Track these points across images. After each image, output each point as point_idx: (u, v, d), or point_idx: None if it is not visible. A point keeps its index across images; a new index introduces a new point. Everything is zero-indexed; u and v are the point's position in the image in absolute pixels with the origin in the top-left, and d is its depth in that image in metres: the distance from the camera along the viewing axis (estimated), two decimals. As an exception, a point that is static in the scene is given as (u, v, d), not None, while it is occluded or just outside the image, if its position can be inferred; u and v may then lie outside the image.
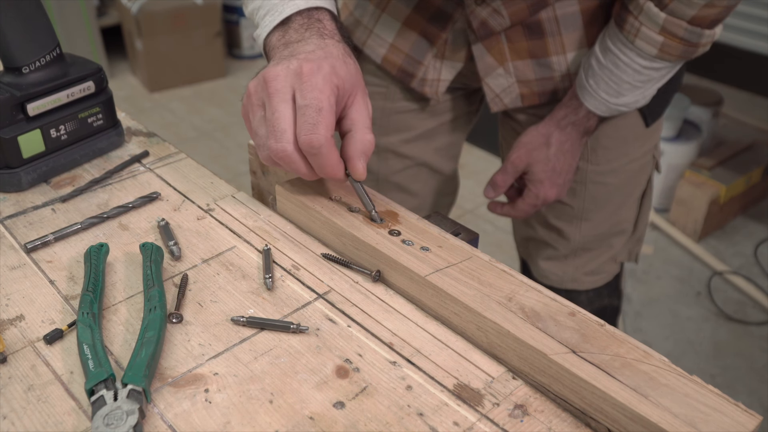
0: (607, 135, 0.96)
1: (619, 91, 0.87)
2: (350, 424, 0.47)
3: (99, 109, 0.76)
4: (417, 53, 0.96)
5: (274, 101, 0.60)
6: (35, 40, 0.71)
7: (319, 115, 0.58)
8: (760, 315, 1.91)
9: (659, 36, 0.80)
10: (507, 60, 0.93)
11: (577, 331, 0.50)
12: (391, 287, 0.60)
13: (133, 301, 0.57)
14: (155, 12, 3.06)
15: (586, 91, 0.89)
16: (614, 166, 0.99)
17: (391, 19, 0.96)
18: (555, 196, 0.95)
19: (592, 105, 0.89)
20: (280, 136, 0.59)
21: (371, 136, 0.62)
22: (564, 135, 0.92)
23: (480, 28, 0.89)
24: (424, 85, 0.98)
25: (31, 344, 0.53)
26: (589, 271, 1.07)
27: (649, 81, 0.86)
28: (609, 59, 0.85)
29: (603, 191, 1.01)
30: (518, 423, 0.47)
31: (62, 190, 0.72)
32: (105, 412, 0.45)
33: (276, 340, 0.54)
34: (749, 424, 0.43)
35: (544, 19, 0.89)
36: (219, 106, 3.15)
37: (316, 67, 0.60)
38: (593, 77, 0.88)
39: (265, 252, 0.62)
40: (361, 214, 0.64)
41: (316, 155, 0.59)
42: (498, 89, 0.95)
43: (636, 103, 0.89)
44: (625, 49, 0.83)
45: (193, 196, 0.71)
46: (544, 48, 0.91)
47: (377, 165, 1.08)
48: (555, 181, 0.94)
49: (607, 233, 1.04)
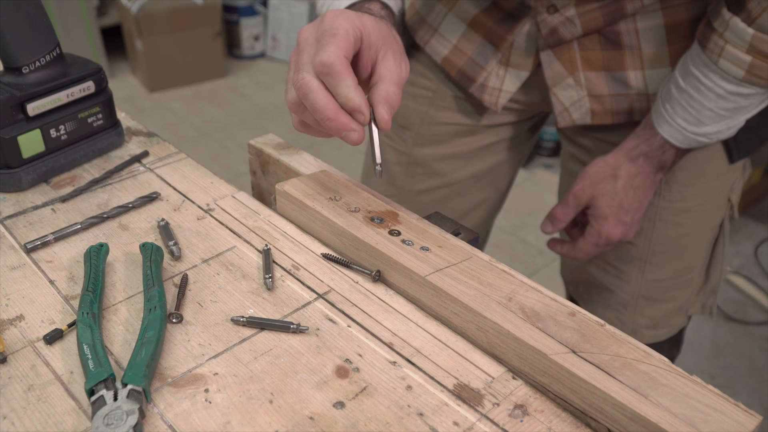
0: (684, 168, 0.86)
1: (699, 119, 0.77)
2: (350, 424, 0.47)
3: (99, 109, 0.76)
4: (480, 57, 0.90)
5: (300, 46, 0.60)
6: (35, 40, 0.71)
7: (332, 38, 0.56)
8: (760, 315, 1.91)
9: (746, 55, 0.71)
10: (578, 69, 0.85)
11: (577, 331, 0.50)
12: (391, 287, 0.60)
13: (133, 301, 0.57)
14: (155, 12, 3.06)
15: (662, 117, 0.79)
16: (689, 205, 0.88)
17: (457, 20, 0.91)
18: (620, 236, 0.85)
19: (667, 133, 0.80)
20: (300, 68, 0.58)
21: (397, 89, 0.59)
22: (635, 168, 0.82)
23: (549, 36, 0.83)
24: (484, 92, 0.91)
25: (31, 344, 0.53)
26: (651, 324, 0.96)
27: (736, 110, 0.76)
28: (689, 82, 0.76)
29: (673, 232, 0.90)
30: (518, 423, 0.47)
31: (62, 190, 0.72)
32: (105, 412, 0.45)
33: (276, 340, 0.54)
34: (749, 424, 0.43)
35: (623, 30, 0.81)
36: (219, 106, 3.15)
37: (340, 12, 0.59)
38: (670, 102, 0.78)
39: (265, 252, 0.62)
40: (361, 213, 0.64)
41: (329, 74, 0.56)
42: (567, 102, 0.87)
43: (719, 134, 0.79)
44: (708, 72, 0.74)
45: (193, 196, 0.71)
46: (621, 61, 0.83)
47: (403, 178, 1.01)
48: (621, 219, 0.84)
49: (673, 282, 0.93)
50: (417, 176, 1.00)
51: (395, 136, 1.02)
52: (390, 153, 1.03)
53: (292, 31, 3.52)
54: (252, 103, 3.20)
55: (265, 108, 3.15)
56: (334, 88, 0.56)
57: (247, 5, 3.49)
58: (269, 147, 0.77)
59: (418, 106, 0.97)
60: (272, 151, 0.76)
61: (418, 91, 0.97)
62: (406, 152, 1.01)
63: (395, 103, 0.59)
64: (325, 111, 0.56)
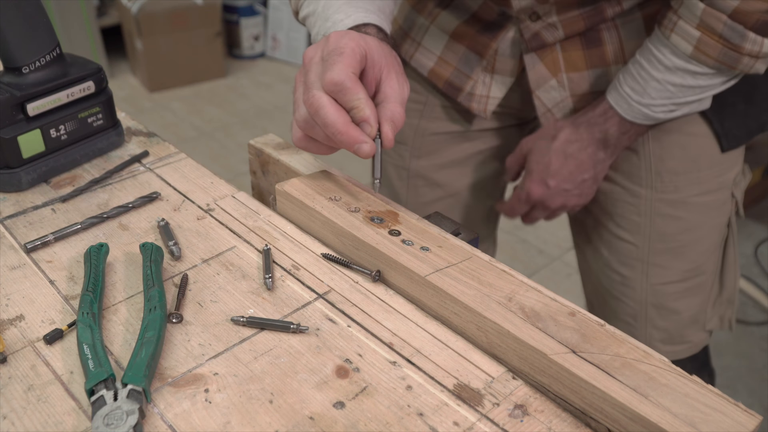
0: (673, 156, 0.85)
1: (645, 89, 0.78)
2: (350, 424, 0.47)
3: (99, 109, 0.76)
4: (465, 66, 0.91)
5: (306, 66, 0.62)
6: (35, 40, 0.71)
7: (339, 57, 0.59)
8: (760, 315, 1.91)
9: (696, 30, 0.72)
10: (561, 71, 0.86)
11: (577, 331, 0.50)
12: (391, 287, 0.60)
13: (133, 301, 0.57)
14: (155, 12, 3.06)
15: (612, 85, 0.82)
16: (684, 195, 0.86)
17: (440, 32, 0.92)
18: (539, 196, 0.86)
19: (613, 99, 0.81)
20: (310, 86, 0.60)
21: (401, 110, 0.62)
22: (575, 134, 0.84)
23: (532, 40, 0.84)
24: (472, 101, 0.92)
25: (31, 344, 0.53)
26: (666, 338, 0.91)
27: (683, 88, 0.77)
28: (643, 55, 0.78)
29: (672, 227, 0.87)
30: (518, 423, 0.47)
31: (62, 190, 0.72)
32: (105, 412, 0.45)
33: (276, 340, 0.54)
34: (749, 424, 0.43)
35: (604, 29, 0.83)
36: (219, 106, 3.15)
37: (344, 32, 0.62)
38: (623, 72, 0.81)
39: (265, 252, 0.62)
40: (361, 213, 0.64)
41: (341, 91, 0.58)
42: (550, 103, 0.88)
43: (663, 111, 0.80)
44: (660, 46, 0.76)
45: (193, 196, 0.71)
46: (603, 57, 0.84)
47: (406, 192, 1.02)
48: (544, 179, 0.86)
49: (681, 286, 0.89)
50: (419, 189, 1.02)
51: (393, 152, 1.04)
52: (390, 169, 1.04)
53: (292, 31, 3.52)
54: (252, 103, 3.20)
55: (265, 108, 3.15)
56: (346, 103, 0.59)
57: (247, 5, 3.49)
58: (269, 147, 0.77)
59: (410, 120, 0.98)
60: (272, 151, 0.76)
61: (409, 105, 0.98)
62: (405, 166, 1.02)
63: (399, 122, 0.61)
64: (336, 125, 0.58)
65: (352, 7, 0.71)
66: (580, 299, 2.13)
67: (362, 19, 0.70)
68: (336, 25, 0.70)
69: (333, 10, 0.72)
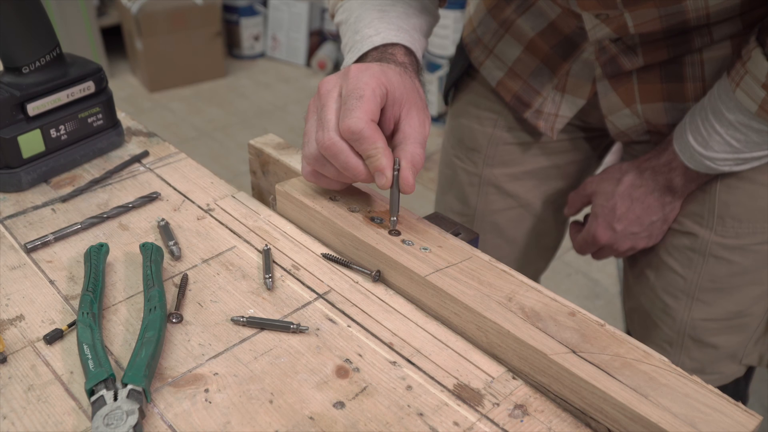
0: (739, 203, 0.80)
1: (707, 141, 0.74)
2: (350, 424, 0.47)
3: (99, 109, 0.76)
4: (536, 82, 0.88)
5: (323, 99, 0.60)
6: (35, 40, 0.70)
7: (359, 101, 0.57)
8: (760, 315, 1.90)
9: (762, 90, 0.67)
10: (635, 102, 0.82)
11: (577, 331, 0.50)
12: (391, 287, 0.60)
13: (133, 301, 0.57)
14: (155, 12, 3.06)
15: (679, 130, 0.77)
16: (744, 242, 0.82)
17: (514, 41, 0.88)
18: (606, 240, 0.84)
19: (677, 145, 0.77)
20: (325, 126, 0.58)
21: (421, 151, 0.60)
22: (639, 179, 0.81)
23: (608, 64, 0.80)
24: (539, 118, 0.90)
25: (31, 344, 0.53)
26: (698, 368, 0.89)
27: (747, 144, 0.72)
28: (710, 102, 0.73)
29: (725, 270, 0.84)
30: (518, 423, 0.47)
31: (62, 190, 0.72)
32: (105, 412, 0.45)
33: (276, 340, 0.54)
34: (749, 424, 0.43)
35: (687, 62, 0.77)
36: (219, 106, 3.15)
37: (365, 67, 0.59)
38: (690, 117, 0.76)
39: (265, 252, 0.62)
40: (361, 213, 0.64)
41: (359, 140, 0.57)
42: (623, 127, 0.86)
43: (726, 164, 0.75)
44: (725, 98, 0.72)
45: (193, 196, 0.71)
46: (682, 93, 0.79)
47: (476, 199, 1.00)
48: (610, 223, 0.83)
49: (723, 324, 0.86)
50: (489, 196, 1.00)
51: (466, 158, 1.01)
52: (462, 174, 1.02)
53: (292, 31, 3.52)
54: (252, 103, 3.20)
55: (265, 108, 3.15)
56: (363, 151, 0.58)
57: (247, 5, 3.49)
58: (269, 147, 0.77)
59: (484, 128, 0.96)
60: (272, 151, 0.76)
61: (483, 113, 0.96)
62: (477, 173, 1.00)
63: (419, 165, 0.60)
64: (356, 170, 0.58)
65: (384, 23, 0.70)
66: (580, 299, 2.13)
67: (392, 38, 0.68)
68: (363, 41, 0.69)
69: (364, 24, 0.71)
